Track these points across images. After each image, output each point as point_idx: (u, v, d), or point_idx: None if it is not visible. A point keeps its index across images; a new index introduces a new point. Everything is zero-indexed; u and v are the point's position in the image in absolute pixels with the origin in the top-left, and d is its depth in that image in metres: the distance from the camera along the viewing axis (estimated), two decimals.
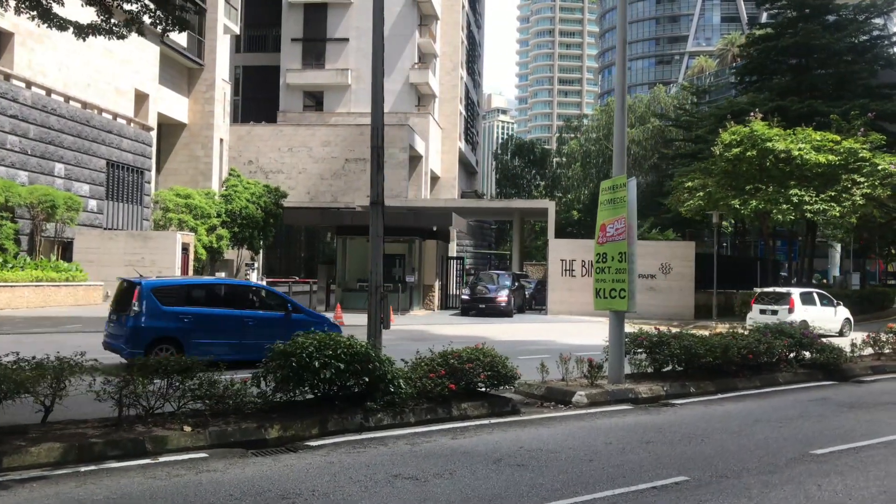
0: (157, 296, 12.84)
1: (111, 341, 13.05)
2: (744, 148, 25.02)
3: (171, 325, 12.76)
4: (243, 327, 13.26)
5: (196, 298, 13.43)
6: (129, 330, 12.49)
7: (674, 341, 11.93)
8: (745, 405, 10.79)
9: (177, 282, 15.11)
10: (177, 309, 12.89)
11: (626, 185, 11.36)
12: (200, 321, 13.00)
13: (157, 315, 12.63)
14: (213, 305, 13.43)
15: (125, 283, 13.28)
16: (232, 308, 13.51)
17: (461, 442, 7.93)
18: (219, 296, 13.85)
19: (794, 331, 14.06)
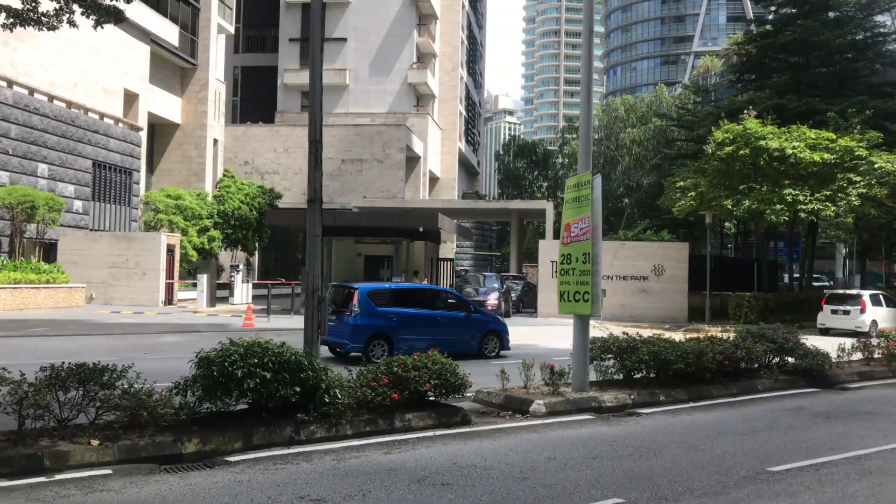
0: (372, 298, 15.25)
1: (331, 338, 14.84)
2: (736, 146, 24.39)
3: (383, 323, 15.00)
4: (436, 325, 15.38)
5: (400, 300, 15.77)
6: (351, 328, 14.81)
7: (643, 347, 11.34)
8: (714, 415, 10.20)
9: (386, 286, 17.44)
10: (387, 310, 15.22)
11: (591, 183, 10.79)
12: (405, 320, 15.27)
13: (373, 315, 14.96)
14: (413, 307, 15.73)
15: (344, 289, 16.05)
16: (427, 309, 15.81)
17: (393, 457, 7.39)
18: (417, 298, 16.27)
19: (776, 335, 13.44)
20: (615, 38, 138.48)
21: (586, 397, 10.42)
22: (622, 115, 64.66)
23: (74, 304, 27.29)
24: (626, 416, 10.09)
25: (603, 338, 11.61)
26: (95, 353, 13.52)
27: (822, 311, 24.07)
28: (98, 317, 23.37)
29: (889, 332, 16.32)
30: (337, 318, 15.01)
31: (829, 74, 35.44)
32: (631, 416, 10.04)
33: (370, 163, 51.17)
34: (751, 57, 36.57)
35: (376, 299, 15.31)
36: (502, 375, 10.35)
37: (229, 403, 7.83)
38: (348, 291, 15.55)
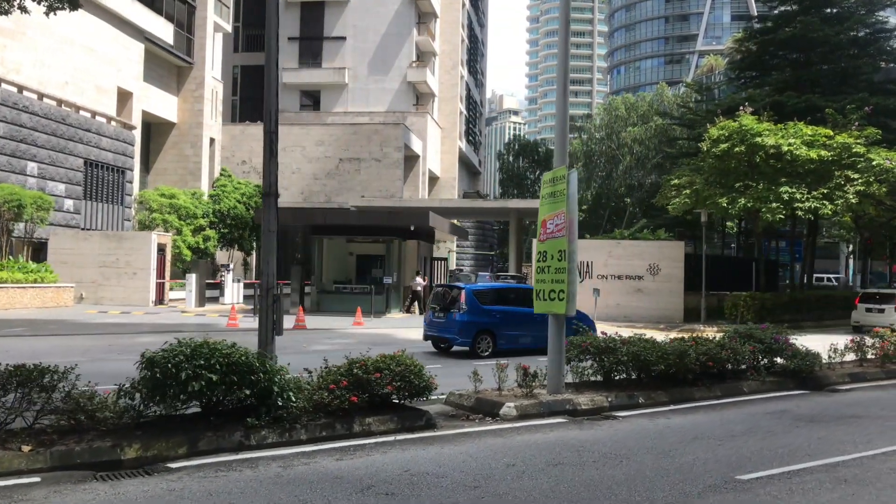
0: (477, 297, 16.77)
1: (438, 333, 16.82)
2: (732, 143, 23.95)
3: (488, 320, 16.50)
4: (533, 321, 15.22)
5: (500, 299, 17.19)
6: (459, 324, 16.27)
7: (622, 347, 10.95)
8: (693, 418, 9.80)
9: (489, 286, 19.03)
10: (490, 307, 16.71)
11: (566, 178, 10.40)
12: (505, 317, 16.65)
13: (479, 312, 16.47)
14: (512, 304, 16.94)
15: (450, 288, 17.86)
16: (524, 307, 15.90)
17: (344, 464, 7.02)
18: (514, 297, 17.47)
19: (764, 335, 13.03)
20: (619, 37, 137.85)
21: (560, 400, 10.03)
22: (623, 114, 64.19)
23: (62, 304, 27.03)
24: (602, 419, 9.71)
25: (581, 338, 11.23)
26: (66, 354, 13.22)
27: (857, 310, 24.75)
28: (83, 317, 23.08)
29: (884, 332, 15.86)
30: (444, 315, 16.77)
31: (831, 71, 34.94)
32: (606, 420, 9.66)
33: (368, 162, 50.84)
34: (751, 54, 36.06)
35: (480, 298, 16.90)
36: (475, 377, 9.97)
37: (177, 407, 7.47)
38: (455, 291, 17.31)
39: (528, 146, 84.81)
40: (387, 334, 20.08)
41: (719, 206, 24.47)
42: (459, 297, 16.62)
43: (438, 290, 18.34)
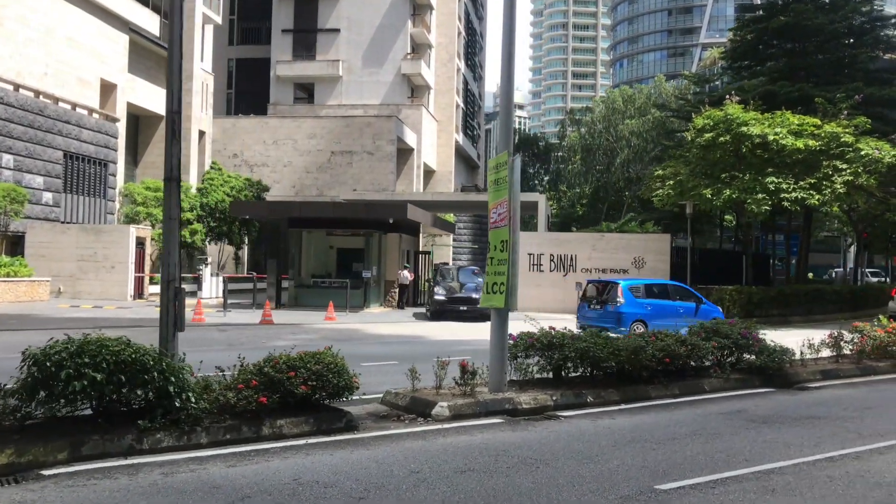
0: (631, 291, 19.26)
1: (594, 323, 18.61)
2: (717, 133, 23.29)
3: (641, 311, 19.02)
4: (676, 313, 18.53)
5: (649, 293, 19.68)
6: (617, 315, 18.67)
7: (571, 343, 10.37)
8: (639, 419, 9.22)
9: (640, 281, 21.05)
10: (642, 300, 19.28)
11: (508, 164, 9.81)
12: (655, 308, 19.21)
13: (634, 304, 19.04)
14: (659, 298, 19.61)
15: (605, 284, 20.28)
16: (668, 300, 19.69)
17: (233, 471, 6.48)
18: (658, 291, 20.04)
19: (731, 331, 12.43)
20: (622, 30, 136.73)
21: (500, 399, 9.46)
22: (621, 107, 63.40)
23: (37, 298, 26.60)
24: (542, 419, 9.14)
25: (528, 333, 10.65)
26: (3, 350, 12.73)
27: (893, 301, 25.88)
28: (51, 311, 22.63)
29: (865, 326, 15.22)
30: (601, 307, 19.49)
31: (826, 61, 34.23)
32: (546, 420, 9.09)
33: (360, 155, 50.33)
34: (745, 43, 35.31)
35: (634, 292, 19.42)
36: (412, 375, 9.42)
37: (57, 408, 6.93)
38: (610, 286, 19.80)
39: (528, 140, 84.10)
40: (355, 329, 19.54)
41: (703, 198, 23.80)
42: (616, 291, 19.28)
43: (593, 285, 20.80)
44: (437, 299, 23.63)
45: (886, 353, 14.70)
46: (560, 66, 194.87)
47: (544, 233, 31.62)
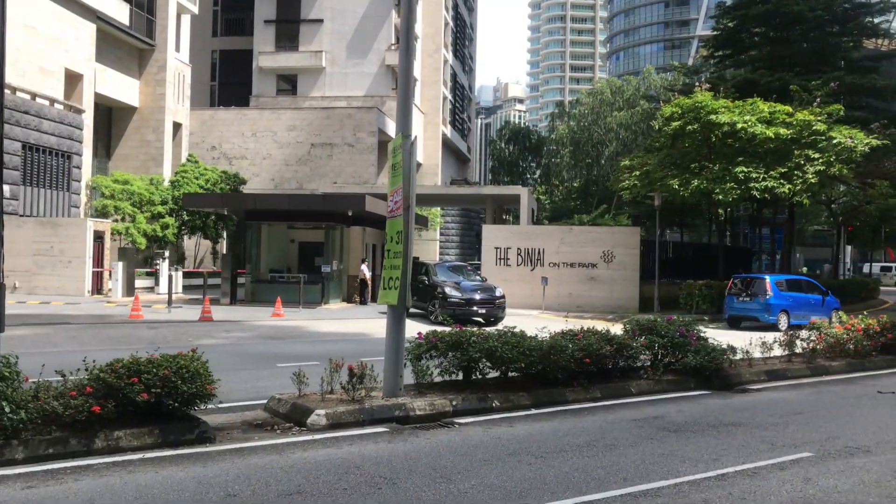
0: (777, 285, 21.91)
1: (744, 313, 21.81)
2: (685, 122, 22.38)
3: (785, 303, 21.54)
4: (809, 305, 21.83)
5: (789, 287, 22.51)
6: (767, 305, 21.34)
7: (477, 343, 9.52)
8: (538, 427, 8.38)
9: (781, 277, 23.77)
10: (784, 293, 21.89)
11: (404, 148, 8.95)
12: (794, 300, 21.91)
13: (780, 297, 21.62)
14: (794, 291, 22.47)
15: (754, 278, 22.82)
16: (802, 293, 22.50)
17: (29, 493, 5.66)
18: (796, 285, 23.11)
19: (668, 328, 11.59)
20: (618, 22, 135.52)
21: (390, 405, 8.62)
22: (609, 99, 62.36)
23: None
24: (434, 427, 8.31)
25: (433, 331, 9.79)
26: None
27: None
28: None
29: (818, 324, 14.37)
30: (751, 299, 21.82)
31: (809, 50, 33.26)
32: (437, 429, 8.26)
33: (341, 147, 49.50)
34: (726, 31, 34.33)
35: (779, 286, 22.01)
36: (298, 378, 8.60)
37: None
38: (757, 280, 22.48)
39: (520, 132, 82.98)
40: (297, 327, 18.69)
41: (671, 189, 22.89)
42: (765, 285, 21.85)
43: (740, 279, 22.91)
44: (451, 301, 20.61)
45: (843, 352, 13.86)
46: (558, 59, 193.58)
47: (511, 226, 30.81)
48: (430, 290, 21.31)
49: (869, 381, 12.19)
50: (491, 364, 9.71)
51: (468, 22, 78.24)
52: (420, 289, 21.08)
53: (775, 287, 21.78)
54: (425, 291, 21.39)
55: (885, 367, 13.90)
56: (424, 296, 21.37)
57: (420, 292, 20.95)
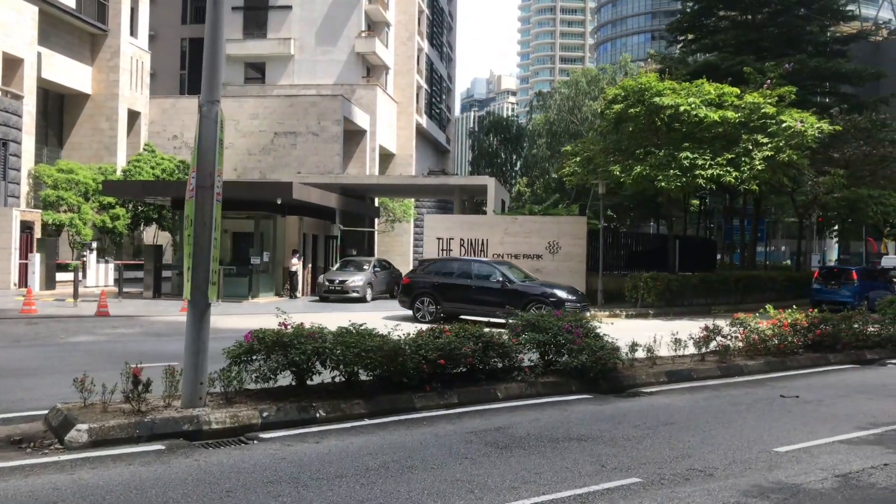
0: (859, 274, 26.06)
1: (832, 298, 24.05)
2: (627, 104, 21.11)
3: (865, 290, 24.47)
4: (874, 288, 24.82)
5: (861, 276, 26.03)
6: (854, 293, 24.15)
7: (304, 343, 8.27)
8: (350, 443, 7.15)
9: (857, 268, 27.24)
10: (863, 281, 25.15)
11: (201, 116, 7.67)
12: (869, 287, 24.93)
13: (864, 286, 24.74)
14: (868, 279, 26.13)
15: (840, 269, 26.96)
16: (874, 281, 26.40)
17: None
18: (871, 275, 27.50)
19: (553, 324, 10.37)
20: (606, 12, 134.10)
21: (179, 417, 7.36)
22: (585, 88, 61.02)
23: None
24: (228, 444, 7.09)
25: (260, 330, 8.54)
26: None
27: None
28: None
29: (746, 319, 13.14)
30: (839, 286, 25.04)
31: (776, 34, 31.99)
32: (230, 445, 7.03)
33: (304, 136, 48.12)
34: (688, 15, 33.04)
35: (861, 275, 25.85)
36: (80, 385, 7.35)
37: None
38: (847, 271, 26.51)
39: (500, 122, 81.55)
40: None
41: (613, 176, 21.63)
42: (852, 275, 25.45)
43: (827, 269, 27.26)
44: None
45: (764, 350, 12.66)
46: (548, 50, 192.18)
47: (454, 216, 29.64)
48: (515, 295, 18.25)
49: (780, 383, 10.98)
50: (323, 367, 8.47)
51: (447, 10, 76.79)
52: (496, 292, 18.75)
53: (859, 277, 25.66)
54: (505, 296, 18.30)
55: (810, 365, 12.72)
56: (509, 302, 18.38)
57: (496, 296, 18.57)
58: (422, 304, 19.07)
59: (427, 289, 19.26)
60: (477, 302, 18.82)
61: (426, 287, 19.27)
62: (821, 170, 23.93)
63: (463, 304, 18.97)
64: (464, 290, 19.08)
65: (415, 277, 19.90)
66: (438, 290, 19.15)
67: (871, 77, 30.30)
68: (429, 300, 19.13)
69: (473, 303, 18.87)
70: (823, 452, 6.88)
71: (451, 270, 19.84)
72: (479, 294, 18.90)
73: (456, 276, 19.51)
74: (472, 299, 18.92)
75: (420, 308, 19.02)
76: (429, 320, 18.30)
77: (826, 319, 13.63)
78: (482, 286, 19.06)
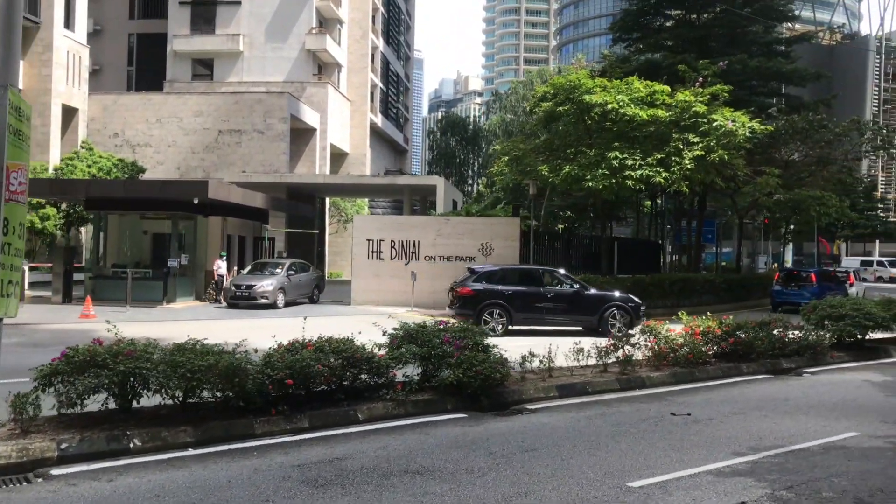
0: (820, 276, 27.79)
1: (792, 300, 25.44)
2: (556, 102, 20.38)
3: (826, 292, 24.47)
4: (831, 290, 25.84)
5: (821, 278, 27.56)
6: (812, 293, 24.64)
7: (119, 363, 7.29)
8: (146, 480, 6.20)
9: (824, 270, 30.52)
10: (824, 284, 26.69)
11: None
12: (828, 289, 25.49)
13: (823, 288, 25.79)
14: (825, 281, 27.40)
15: (801, 272, 28.16)
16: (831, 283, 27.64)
17: None
18: (828, 276, 29.06)
19: (431, 336, 9.53)
20: (567, 14, 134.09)
21: None
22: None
23: None
24: (4, 485, 6.08)
25: (75, 348, 7.55)
26: None
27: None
28: None
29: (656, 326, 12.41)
30: (799, 288, 26.21)
31: (720, 34, 31.57)
32: (8, 485, 6.04)
33: (250, 133, 46.80)
34: (631, 14, 32.46)
35: (820, 277, 26.83)
36: None
37: None
38: (806, 273, 27.50)
39: (457, 122, 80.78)
40: (92, 331, 16.20)
41: (541, 176, 20.88)
42: (811, 277, 26.62)
43: (787, 271, 28.97)
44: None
45: (672, 361, 11.94)
46: (513, 51, 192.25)
47: (385, 216, 28.77)
48: (594, 301, 17.90)
49: (680, 398, 10.25)
50: (146, 389, 7.51)
51: (404, 9, 75.86)
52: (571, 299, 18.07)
53: (819, 278, 26.90)
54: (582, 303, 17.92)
55: (720, 376, 12.01)
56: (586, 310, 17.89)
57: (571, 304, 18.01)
58: (490, 317, 17.54)
59: (496, 299, 17.70)
60: (551, 311, 17.84)
61: (495, 297, 17.71)
62: (759, 171, 23.44)
63: (537, 315, 17.90)
64: (536, 298, 17.96)
65: (477, 286, 18.04)
66: (508, 299, 17.74)
67: (813, 77, 29.99)
68: (499, 311, 17.66)
69: (548, 312, 17.84)
70: (681, 487, 6.10)
71: (517, 278, 18.65)
72: (554, 302, 17.93)
73: (525, 284, 18.37)
74: (546, 308, 17.88)
75: (488, 321, 17.42)
76: (500, 333, 17.07)
77: (741, 326, 12.96)
78: (556, 293, 18.14)
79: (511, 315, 17.73)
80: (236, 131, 47.32)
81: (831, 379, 12.17)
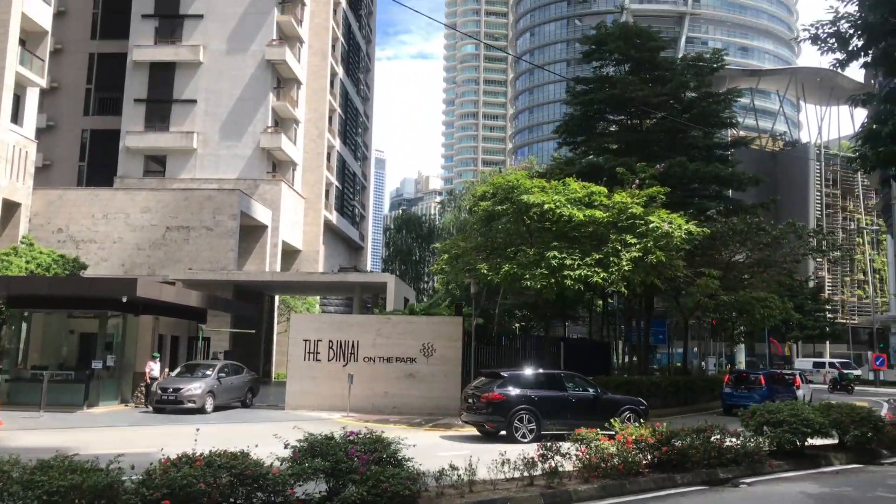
0: (768, 379, 28.52)
1: (742, 402, 24.41)
2: (495, 201, 20.38)
3: (772, 394, 25.63)
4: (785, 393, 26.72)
5: (771, 381, 28.39)
6: (763, 396, 24.81)
7: None
8: None
9: (770, 372, 31.91)
10: (773, 387, 27.78)
11: None
12: (774, 392, 26.48)
13: (771, 391, 26.77)
14: (776, 385, 28.40)
15: (750, 374, 29.74)
16: (780, 385, 28.51)
17: None
18: (778, 379, 29.69)
19: (337, 449, 8.83)
20: (523, 118, 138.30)
21: None
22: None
23: None
24: None
25: None
26: None
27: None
28: None
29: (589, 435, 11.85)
30: (749, 390, 26.72)
31: (661, 137, 32.47)
32: None
33: (198, 230, 46.18)
34: (574, 119, 33.32)
35: (768, 380, 27.75)
36: None
37: None
38: (754, 376, 28.40)
39: (412, 220, 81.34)
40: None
41: (480, 274, 20.64)
42: (760, 380, 27.37)
43: (736, 375, 29.09)
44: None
45: (603, 472, 11.32)
46: (471, 153, 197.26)
47: (324, 315, 28.22)
48: (610, 405, 17.98)
49: None
50: None
51: (361, 110, 77.42)
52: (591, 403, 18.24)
53: (768, 381, 27.50)
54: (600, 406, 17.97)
55: (652, 488, 11.40)
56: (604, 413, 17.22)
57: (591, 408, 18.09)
58: (520, 423, 17.14)
59: (525, 404, 17.33)
60: (576, 415, 17.40)
61: (523, 402, 17.34)
62: (700, 272, 23.55)
63: (563, 420, 17.43)
64: (562, 403, 17.91)
65: (509, 391, 17.60)
66: (537, 405, 17.44)
67: (751, 182, 30.79)
68: (528, 417, 17.25)
69: (573, 416, 17.38)
70: None
71: (541, 382, 18.37)
72: (578, 406, 17.92)
73: (550, 389, 18.20)
74: (571, 412, 17.65)
75: (519, 427, 17.07)
76: (530, 440, 16.50)
77: (675, 434, 12.46)
78: (580, 398, 18.23)
79: (539, 421, 17.35)
80: (184, 228, 46.73)
81: (767, 491, 11.64)
